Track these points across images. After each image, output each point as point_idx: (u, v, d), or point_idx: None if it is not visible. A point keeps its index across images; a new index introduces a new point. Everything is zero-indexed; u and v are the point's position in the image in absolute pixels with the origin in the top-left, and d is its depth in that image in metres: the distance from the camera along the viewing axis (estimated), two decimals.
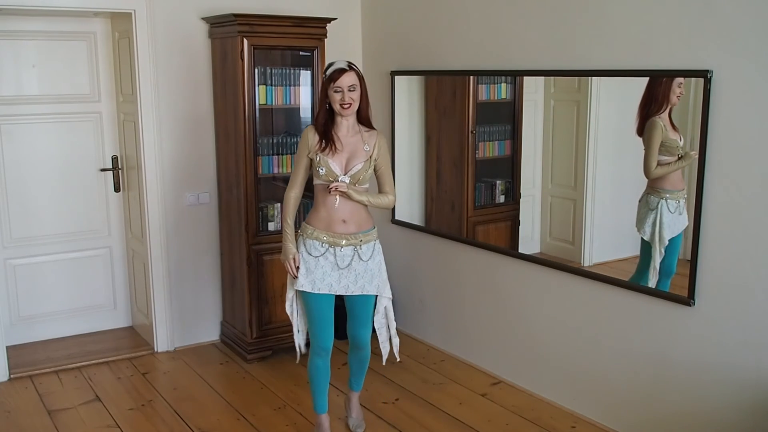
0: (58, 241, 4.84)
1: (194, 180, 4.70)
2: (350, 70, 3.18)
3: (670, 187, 3.35)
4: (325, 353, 3.38)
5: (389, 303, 3.44)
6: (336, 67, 3.19)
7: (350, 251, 3.27)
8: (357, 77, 3.19)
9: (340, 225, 3.25)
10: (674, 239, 3.36)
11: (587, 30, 3.54)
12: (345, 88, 3.16)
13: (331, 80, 3.16)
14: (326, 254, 3.25)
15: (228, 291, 4.77)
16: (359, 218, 3.29)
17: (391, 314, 3.46)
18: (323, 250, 3.25)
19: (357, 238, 3.27)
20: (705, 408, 3.24)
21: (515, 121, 4.14)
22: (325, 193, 3.24)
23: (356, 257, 3.28)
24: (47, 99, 4.69)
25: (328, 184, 3.20)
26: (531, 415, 3.85)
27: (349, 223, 3.26)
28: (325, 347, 3.37)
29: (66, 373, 4.42)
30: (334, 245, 3.25)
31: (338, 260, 3.26)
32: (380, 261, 3.37)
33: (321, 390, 3.47)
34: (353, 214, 3.26)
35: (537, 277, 3.99)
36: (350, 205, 3.24)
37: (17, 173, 4.66)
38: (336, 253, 3.25)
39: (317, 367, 3.41)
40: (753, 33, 2.89)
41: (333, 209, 3.24)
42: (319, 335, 3.35)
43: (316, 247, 3.26)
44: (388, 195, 3.37)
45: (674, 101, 3.24)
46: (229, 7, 4.48)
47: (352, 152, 3.24)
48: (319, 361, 3.40)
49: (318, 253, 3.26)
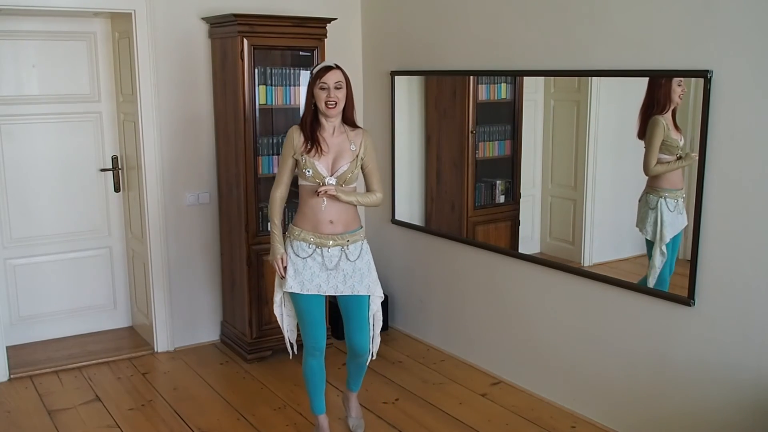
0: (58, 241, 4.84)
1: (194, 180, 4.70)
2: (337, 69, 3.21)
3: (669, 186, 3.35)
4: (318, 353, 3.38)
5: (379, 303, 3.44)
6: (322, 65, 3.23)
7: (337, 251, 3.27)
8: (343, 76, 3.21)
9: (327, 226, 3.24)
10: (673, 238, 3.36)
11: (587, 30, 3.54)
12: (331, 84, 3.16)
13: (318, 77, 3.18)
14: (314, 255, 3.25)
15: (228, 291, 4.78)
16: (346, 218, 3.28)
17: (379, 314, 3.45)
18: (310, 251, 3.25)
19: (344, 239, 3.27)
20: (705, 408, 3.24)
21: (515, 121, 4.15)
22: (311, 195, 3.23)
23: (343, 257, 3.27)
24: (47, 99, 4.69)
25: (315, 185, 3.20)
26: (531, 415, 3.85)
27: (336, 223, 3.25)
28: (319, 347, 3.37)
29: (66, 373, 4.42)
30: (321, 246, 3.25)
31: (326, 261, 3.26)
32: (369, 261, 3.36)
33: (317, 391, 3.47)
34: (340, 214, 3.26)
35: (537, 277, 3.99)
36: (337, 206, 3.24)
37: (17, 173, 4.66)
38: (323, 254, 3.25)
39: (311, 367, 3.41)
40: (753, 33, 2.89)
41: (320, 210, 3.23)
42: (312, 335, 3.35)
43: (304, 248, 3.26)
44: (376, 193, 3.38)
45: (677, 101, 3.24)
46: (229, 7, 4.48)
47: (338, 152, 3.24)
48: (314, 362, 3.39)
49: (305, 254, 3.25)
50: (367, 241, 3.41)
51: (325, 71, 3.19)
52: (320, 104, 3.19)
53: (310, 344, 3.37)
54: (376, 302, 3.41)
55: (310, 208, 3.24)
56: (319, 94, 3.19)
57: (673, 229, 3.37)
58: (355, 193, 3.30)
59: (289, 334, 3.50)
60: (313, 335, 3.35)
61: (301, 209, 3.29)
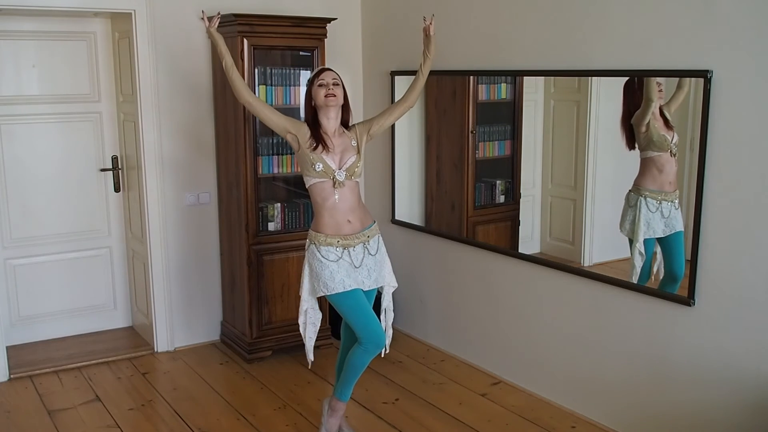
0: (58, 241, 4.84)
1: (194, 180, 4.70)
2: (332, 71, 3.35)
3: (653, 187, 3.37)
4: (377, 350, 3.30)
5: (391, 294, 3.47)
6: (318, 68, 3.41)
7: (361, 249, 3.31)
8: (339, 77, 3.34)
9: (346, 226, 3.28)
10: (672, 240, 3.36)
11: (587, 30, 3.54)
12: (329, 81, 3.28)
13: (315, 76, 3.31)
14: (343, 256, 3.28)
15: (228, 291, 4.78)
16: (361, 214, 3.34)
17: (391, 306, 3.47)
18: (339, 253, 3.27)
19: (364, 236, 3.33)
20: (705, 408, 3.24)
21: (515, 121, 4.15)
22: (323, 195, 3.27)
23: (366, 254, 3.33)
24: (47, 99, 4.69)
25: (324, 181, 3.25)
26: (531, 415, 3.85)
27: (354, 221, 3.30)
28: (381, 343, 3.29)
29: (66, 373, 4.42)
30: (347, 247, 3.28)
31: (353, 260, 3.29)
32: (384, 252, 3.44)
33: (355, 380, 3.39)
34: (354, 210, 3.31)
35: (537, 277, 3.99)
36: (349, 201, 3.29)
37: (17, 173, 4.66)
38: (351, 254, 3.29)
39: (365, 363, 3.33)
40: (753, 33, 2.89)
41: (335, 210, 3.26)
42: (372, 329, 3.27)
43: (332, 252, 3.27)
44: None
45: (657, 98, 3.27)
46: (229, 7, 4.47)
47: (343, 149, 3.32)
48: (368, 359, 3.31)
49: (335, 257, 3.27)
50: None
51: (322, 71, 3.33)
52: (320, 100, 3.28)
53: (371, 340, 3.27)
54: (390, 293, 3.44)
55: (326, 210, 3.28)
56: (318, 91, 3.28)
57: (648, 230, 3.38)
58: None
59: (310, 342, 3.45)
60: (374, 329, 3.28)
61: (319, 213, 3.31)
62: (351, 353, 3.33)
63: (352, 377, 3.37)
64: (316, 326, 3.43)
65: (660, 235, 3.40)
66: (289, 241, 4.52)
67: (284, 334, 4.55)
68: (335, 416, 3.44)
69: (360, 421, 3.79)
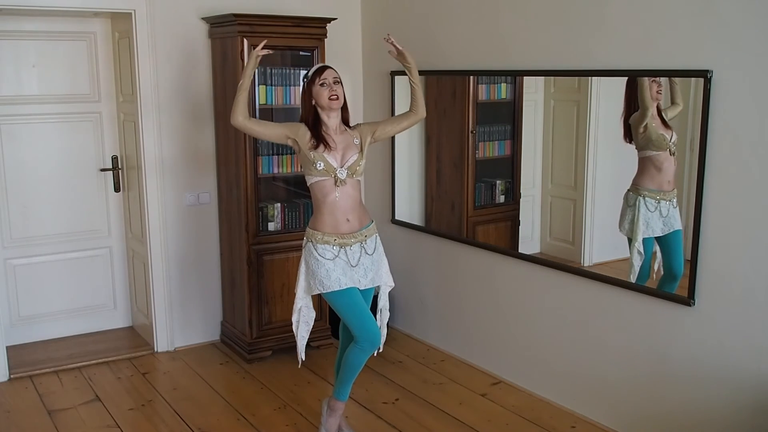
0: (58, 241, 4.84)
1: (194, 180, 4.70)
2: (332, 68, 3.31)
3: (651, 186, 3.37)
4: (372, 348, 3.31)
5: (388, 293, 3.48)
6: (316, 66, 3.33)
7: (358, 248, 3.31)
8: (338, 75, 3.31)
9: (344, 224, 3.28)
10: (671, 238, 3.37)
11: (587, 30, 3.54)
12: (330, 80, 3.25)
13: (316, 75, 3.27)
14: (339, 255, 3.28)
15: (228, 291, 4.78)
16: (359, 213, 3.34)
17: (387, 305, 3.48)
18: (336, 252, 3.27)
19: (362, 235, 3.32)
20: (705, 408, 3.23)
21: (515, 121, 4.15)
22: (323, 192, 3.27)
23: (363, 253, 3.32)
24: (47, 99, 4.69)
25: (326, 180, 3.24)
26: (531, 415, 3.85)
27: (353, 220, 3.30)
28: (376, 342, 3.30)
29: (66, 373, 4.42)
30: (344, 246, 3.28)
31: (350, 259, 3.29)
32: (382, 251, 3.44)
33: (353, 379, 3.40)
34: (354, 209, 3.30)
35: (537, 277, 3.99)
36: (349, 200, 3.28)
37: (17, 173, 4.66)
38: (347, 253, 3.28)
39: (362, 362, 3.34)
40: (753, 33, 2.89)
41: (334, 207, 3.26)
42: (367, 328, 3.28)
43: (329, 250, 3.27)
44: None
45: (656, 98, 3.28)
46: (229, 7, 4.48)
47: (345, 147, 3.31)
48: (365, 357, 3.32)
49: (332, 255, 3.27)
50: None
51: (323, 69, 3.28)
52: (323, 100, 3.25)
53: (367, 339, 3.27)
54: (386, 293, 3.45)
55: (325, 208, 3.27)
56: (320, 91, 3.25)
57: (647, 229, 3.38)
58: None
59: (302, 341, 3.46)
60: (369, 328, 3.28)
61: (318, 210, 3.31)
62: (347, 352, 3.34)
63: (349, 376, 3.38)
64: (309, 325, 3.44)
65: (659, 234, 3.41)
66: (289, 241, 4.52)
67: (284, 334, 4.55)
68: (334, 416, 3.45)
69: (360, 421, 3.79)
